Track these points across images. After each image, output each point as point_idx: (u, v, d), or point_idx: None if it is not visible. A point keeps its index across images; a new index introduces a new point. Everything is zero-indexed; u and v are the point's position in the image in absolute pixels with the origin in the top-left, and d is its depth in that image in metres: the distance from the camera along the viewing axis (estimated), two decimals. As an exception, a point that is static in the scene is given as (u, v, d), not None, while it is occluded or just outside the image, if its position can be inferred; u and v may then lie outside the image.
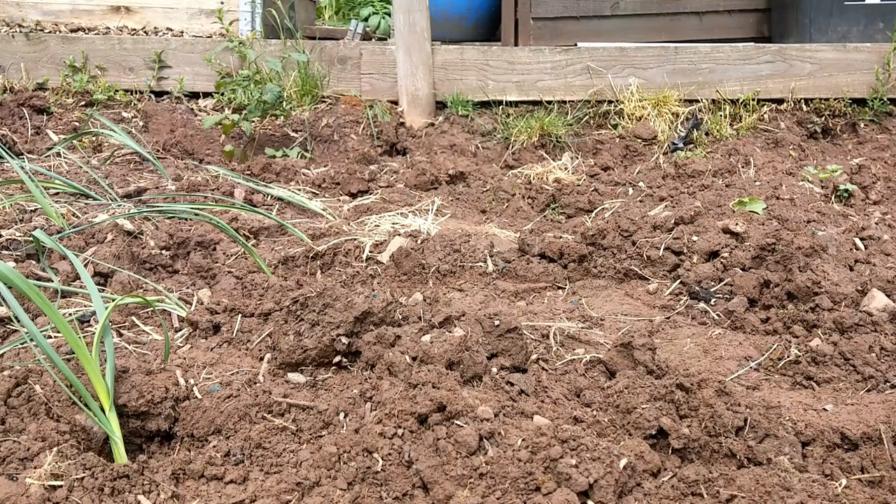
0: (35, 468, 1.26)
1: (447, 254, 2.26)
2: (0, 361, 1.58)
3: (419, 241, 2.34)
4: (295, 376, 1.58)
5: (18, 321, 1.73)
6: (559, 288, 2.22)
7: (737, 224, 2.28)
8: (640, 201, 3.02)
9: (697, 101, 3.92)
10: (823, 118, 3.90)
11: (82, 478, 1.24)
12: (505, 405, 1.43)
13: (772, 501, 1.24)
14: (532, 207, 3.01)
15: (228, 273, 2.16)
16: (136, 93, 4.20)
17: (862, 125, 3.88)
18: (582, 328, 1.89)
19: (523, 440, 1.29)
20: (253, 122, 3.65)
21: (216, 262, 2.24)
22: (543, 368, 1.68)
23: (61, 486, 1.22)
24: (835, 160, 3.56)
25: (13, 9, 4.77)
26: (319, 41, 4.22)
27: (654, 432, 1.40)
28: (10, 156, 2.53)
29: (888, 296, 1.88)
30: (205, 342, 1.75)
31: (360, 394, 1.48)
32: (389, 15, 6.24)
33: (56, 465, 1.26)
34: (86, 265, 2.02)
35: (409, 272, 2.20)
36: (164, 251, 2.22)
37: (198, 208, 2.43)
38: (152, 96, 4.21)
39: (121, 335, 1.77)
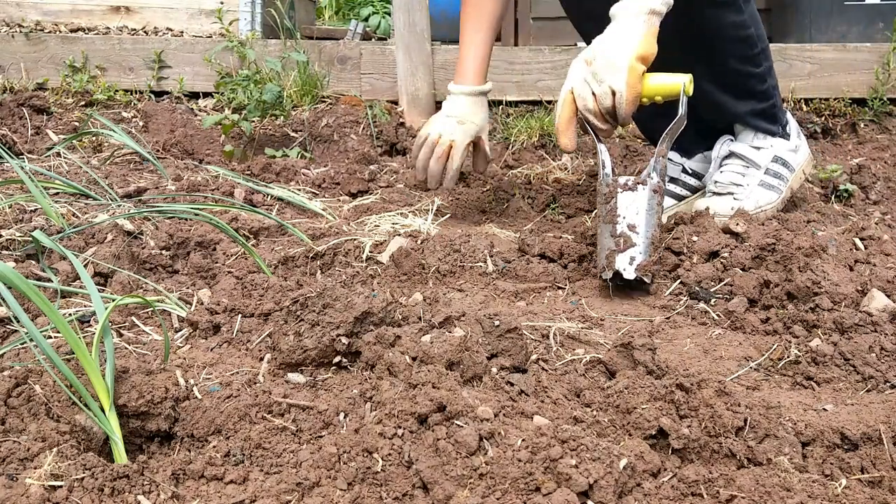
0: (35, 468, 1.26)
1: (447, 254, 2.26)
2: (0, 361, 1.58)
3: (419, 241, 2.34)
4: (295, 376, 1.58)
5: (18, 321, 1.73)
6: (559, 288, 2.22)
7: (737, 224, 2.28)
8: (640, 201, 3.01)
9: (697, 101, 3.91)
10: (823, 118, 3.90)
11: (82, 478, 1.24)
12: (505, 405, 1.43)
13: (772, 502, 1.24)
14: (532, 207, 3.01)
15: (228, 273, 2.16)
16: (136, 93, 4.20)
17: (862, 125, 3.88)
18: (582, 328, 1.89)
19: (523, 440, 1.29)
20: (253, 122, 3.65)
21: (216, 263, 2.24)
22: (543, 368, 1.67)
23: (61, 487, 1.22)
24: (835, 160, 3.56)
25: (13, 9, 4.77)
26: (319, 41, 4.22)
27: (654, 432, 1.40)
28: (9, 156, 2.53)
29: (888, 296, 1.88)
30: (205, 342, 1.75)
31: (360, 394, 1.48)
32: (389, 15, 6.23)
33: (56, 465, 1.26)
34: (86, 265, 2.02)
35: (409, 272, 2.20)
36: (164, 251, 2.22)
37: (198, 208, 2.43)
38: (152, 96, 4.21)
39: (121, 335, 1.77)
